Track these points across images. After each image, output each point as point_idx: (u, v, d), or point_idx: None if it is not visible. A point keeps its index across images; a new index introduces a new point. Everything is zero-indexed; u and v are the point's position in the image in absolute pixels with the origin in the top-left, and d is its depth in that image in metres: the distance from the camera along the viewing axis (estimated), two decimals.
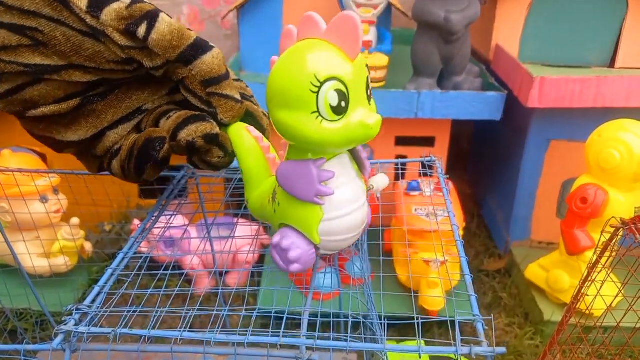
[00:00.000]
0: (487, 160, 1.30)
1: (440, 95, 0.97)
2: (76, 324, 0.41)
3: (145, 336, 0.39)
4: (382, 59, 1.01)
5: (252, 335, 0.39)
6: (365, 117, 0.36)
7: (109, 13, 0.42)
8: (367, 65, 0.37)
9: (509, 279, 1.06)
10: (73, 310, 0.42)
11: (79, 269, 1.03)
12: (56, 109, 0.46)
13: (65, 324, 0.41)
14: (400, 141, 1.09)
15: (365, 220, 0.43)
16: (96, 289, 0.45)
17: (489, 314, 0.99)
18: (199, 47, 0.44)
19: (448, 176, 0.63)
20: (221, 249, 0.97)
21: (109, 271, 0.47)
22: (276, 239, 0.42)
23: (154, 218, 0.57)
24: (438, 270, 0.90)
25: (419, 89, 0.99)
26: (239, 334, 0.39)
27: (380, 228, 0.64)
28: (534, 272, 0.97)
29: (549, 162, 1.04)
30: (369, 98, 0.37)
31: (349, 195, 0.40)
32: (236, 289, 0.96)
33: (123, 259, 0.49)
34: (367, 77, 0.37)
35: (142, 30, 0.42)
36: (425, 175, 1.09)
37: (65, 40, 0.42)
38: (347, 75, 0.35)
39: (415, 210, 0.94)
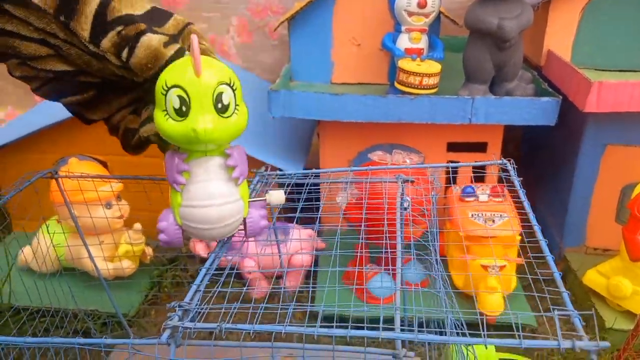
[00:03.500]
0: (538, 166, 1.29)
1: (495, 101, 0.98)
2: (180, 320, 0.44)
3: (250, 331, 0.42)
4: (434, 66, 1.02)
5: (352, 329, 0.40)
6: (196, 123, 0.45)
7: (106, 42, 0.51)
8: (226, 83, 0.46)
9: (565, 286, 1.05)
10: (176, 307, 0.45)
11: (140, 273, 1.07)
12: (78, 99, 0.60)
13: (170, 320, 0.43)
14: (452, 147, 1.10)
15: (226, 219, 0.50)
16: (193, 287, 0.48)
17: (549, 318, 0.98)
18: None
19: (521, 178, 0.63)
20: (278, 253, 1.00)
21: (203, 270, 0.50)
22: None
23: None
24: (497, 275, 0.91)
25: (472, 95, 0.99)
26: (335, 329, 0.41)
27: (433, 230, 0.65)
28: (593, 278, 0.96)
29: (604, 167, 1.03)
30: (221, 109, 0.46)
31: (203, 191, 0.49)
32: (299, 288, 0.99)
33: (214, 259, 0.52)
34: (220, 92, 0.46)
35: (124, 54, 0.51)
36: (478, 180, 1.09)
37: (77, 57, 0.54)
38: (189, 85, 0.44)
39: (472, 215, 0.95)
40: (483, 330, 0.41)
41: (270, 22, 1.44)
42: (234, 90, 0.47)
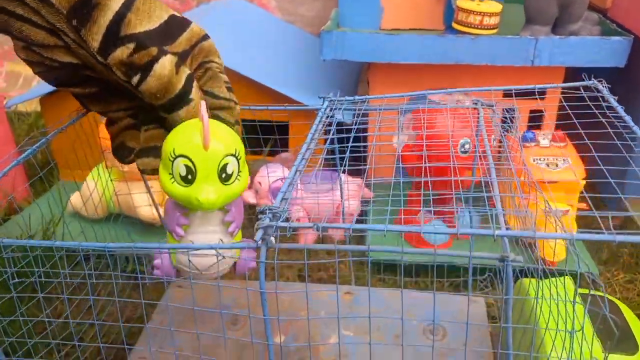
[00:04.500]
0: (596, 124, 1.23)
1: (560, 41, 0.93)
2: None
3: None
4: (495, 6, 0.97)
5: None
6: (199, 193, 0.47)
7: (114, 58, 0.49)
8: (232, 154, 0.48)
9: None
10: (266, 210, 0.43)
11: None
12: (80, 92, 0.58)
13: (262, 221, 0.42)
14: (508, 94, 1.05)
15: (219, 267, 0.51)
16: (280, 194, 0.46)
17: (606, 270, 0.95)
18: (179, 101, 0.52)
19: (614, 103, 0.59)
20: (325, 202, 0.98)
21: (287, 182, 0.48)
22: None
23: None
24: (560, 221, 0.87)
25: (535, 35, 0.95)
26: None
27: (486, 178, 0.62)
28: None
29: None
30: (224, 178, 0.48)
31: (200, 242, 0.51)
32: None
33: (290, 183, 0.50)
34: (226, 163, 0.48)
35: (135, 79, 0.50)
36: (536, 128, 1.05)
37: (85, 57, 0.52)
38: (196, 157, 0.47)
39: (533, 160, 0.91)
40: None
41: None
42: (238, 160, 0.49)
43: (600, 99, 0.60)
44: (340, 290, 0.82)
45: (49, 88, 1.11)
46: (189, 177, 0.47)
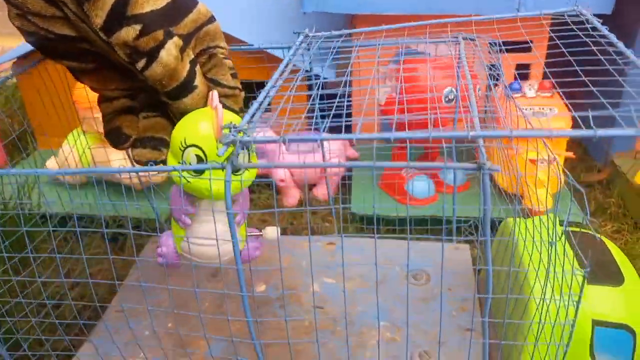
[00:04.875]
0: (584, 74, 1.21)
1: None
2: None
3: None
4: None
5: None
6: (210, 183, 0.46)
7: (118, 38, 0.47)
8: None
9: (614, 190, 1.00)
10: (230, 127, 0.41)
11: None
12: (75, 66, 0.55)
13: (225, 137, 0.39)
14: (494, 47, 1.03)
15: (223, 256, 0.51)
16: (246, 116, 0.44)
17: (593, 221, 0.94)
18: (183, 89, 0.52)
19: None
20: (308, 162, 0.96)
21: (256, 104, 0.46)
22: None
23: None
24: (546, 170, 0.86)
25: None
26: None
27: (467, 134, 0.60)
28: None
29: None
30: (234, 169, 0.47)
31: (205, 230, 0.51)
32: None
33: (264, 97, 0.47)
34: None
35: (140, 64, 0.49)
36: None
37: (85, 32, 0.50)
38: (207, 147, 0.46)
39: (518, 110, 0.89)
40: None
41: None
42: (248, 150, 0.49)
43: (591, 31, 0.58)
44: (324, 241, 0.80)
45: (24, 50, 1.08)
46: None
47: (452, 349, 0.60)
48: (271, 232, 0.59)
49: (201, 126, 0.48)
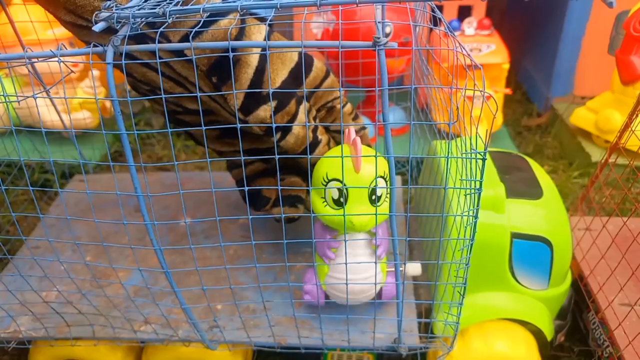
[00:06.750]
0: (525, 21, 1.22)
1: None
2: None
3: None
4: None
5: None
6: (353, 215, 0.47)
7: (255, 117, 0.48)
8: (381, 177, 0.47)
9: (552, 131, 1.01)
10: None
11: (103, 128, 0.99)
12: (200, 133, 0.58)
13: (100, 13, 0.36)
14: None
15: (367, 291, 0.52)
16: None
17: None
18: (312, 149, 0.54)
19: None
20: None
21: None
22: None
23: None
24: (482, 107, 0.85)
25: None
26: None
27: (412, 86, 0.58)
28: (581, 115, 0.92)
29: (598, 2, 0.96)
30: (373, 201, 0.48)
31: (350, 266, 0.49)
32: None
33: None
34: (374, 187, 0.47)
35: (277, 137, 0.51)
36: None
37: (214, 107, 0.52)
38: (348, 181, 0.47)
39: (455, 48, 0.88)
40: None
41: None
42: (386, 181, 0.49)
43: None
44: None
45: None
46: (341, 200, 0.48)
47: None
48: (414, 268, 0.56)
49: (340, 160, 0.48)
